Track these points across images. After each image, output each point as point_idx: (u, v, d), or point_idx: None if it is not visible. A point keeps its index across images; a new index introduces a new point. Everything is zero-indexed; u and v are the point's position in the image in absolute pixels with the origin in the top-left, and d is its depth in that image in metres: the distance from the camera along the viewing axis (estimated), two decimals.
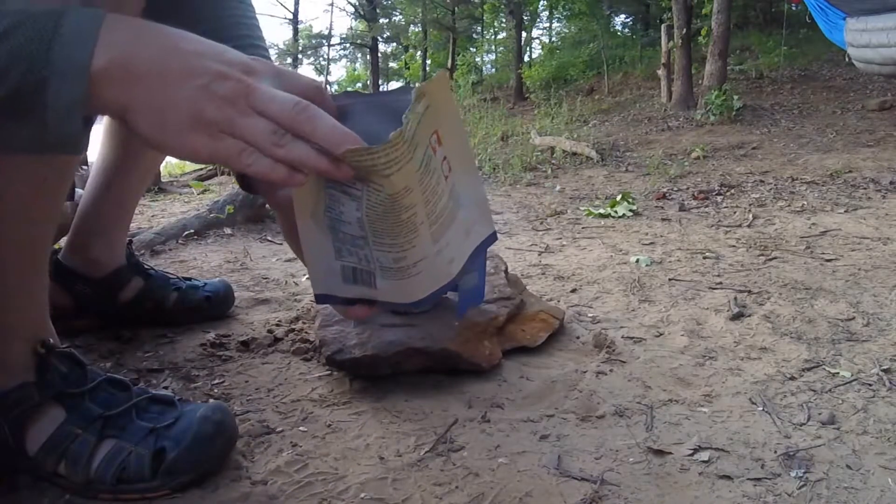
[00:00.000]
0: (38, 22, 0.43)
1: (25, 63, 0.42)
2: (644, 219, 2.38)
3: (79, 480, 0.64)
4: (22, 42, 0.42)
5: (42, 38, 0.43)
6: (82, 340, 1.03)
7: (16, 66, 0.42)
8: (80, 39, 0.43)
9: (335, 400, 0.86)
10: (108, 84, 0.44)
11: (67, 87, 0.43)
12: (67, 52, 0.43)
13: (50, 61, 0.42)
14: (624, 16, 18.20)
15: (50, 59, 0.42)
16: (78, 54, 0.43)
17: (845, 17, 4.26)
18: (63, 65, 0.43)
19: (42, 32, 0.43)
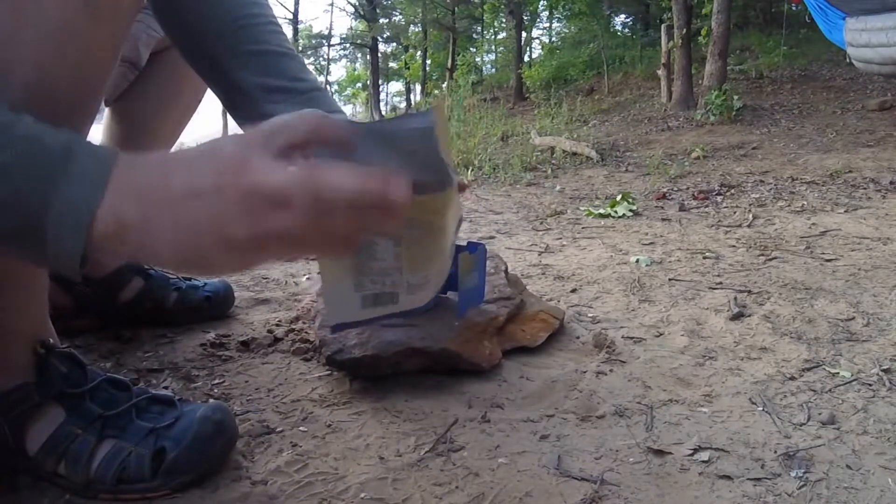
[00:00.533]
0: (44, 160, 0.41)
1: (27, 205, 0.41)
2: (644, 219, 2.38)
3: (79, 480, 0.64)
4: (25, 182, 0.41)
5: (45, 183, 0.41)
6: (82, 340, 1.03)
7: (18, 204, 0.41)
8: (84, 193, 0.41)
9: (335, 400, 0.86)
10: (114, 241, 0.42)
11: (65, 240, 0.42)
12: (68, 206, 0.41)
13: (50, 210, 0.41)
14: (624, 16, 18.20)
15: (51, 208, 0.41)
16: (79, 210, 0.41)
17: (845, 17, 4.26)
18: (62, 218, 0.41)
19: (46, 175, 0.41)
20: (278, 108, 0.61)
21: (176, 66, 1.04)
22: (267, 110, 0.62)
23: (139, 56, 0.97)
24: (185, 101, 1.10)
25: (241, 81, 0.66)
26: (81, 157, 0.42)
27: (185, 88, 1.08)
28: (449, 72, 15.91)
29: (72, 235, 0.41)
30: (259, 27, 0.67)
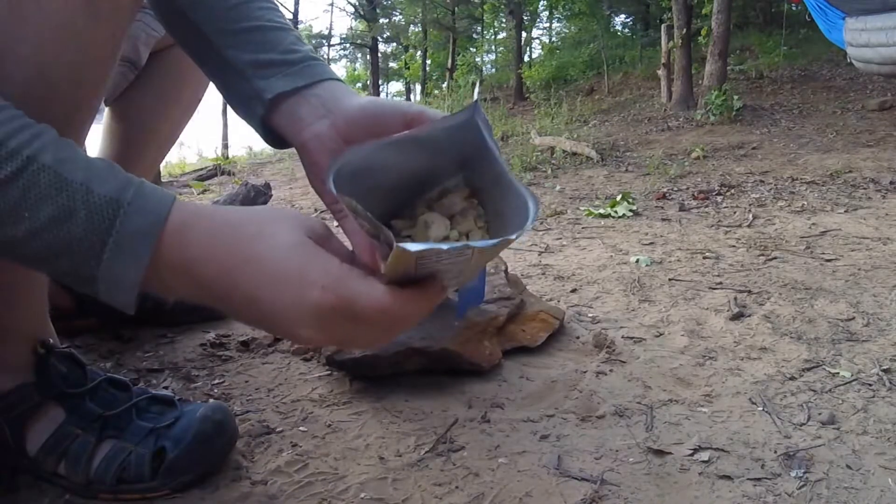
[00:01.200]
0: (94, 214, 0.41)
1: (78, 257, 0.42)
2: (644, 219, 2.38)
3: (79, 480, 0.64)
4: (76, 236, 0.41)
5: (94, 239, 0.41)
6: (82, 340, 1.03)
7: (67, 257, 0.42)
8: (134, 252, 0.42)
9: (335, 400, 0.86)
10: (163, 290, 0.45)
11: (115, 293, 0.43)
12: (118, 267, 0.42)
13: (100, 267, 0.42)
14: (624, 16, 18.20)
15: (101, 264, 0.42)
16: (128, 270, 0.42)
17: (844, 17, 4.26)
18: (112, 275, 0.42)
19: (96, 230, 0.41)
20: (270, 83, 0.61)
21: (176, 66, 1.04)
22: (259, 86, 0.61)
23: (139, 55, 0.97)
24: (184, 101, 1.10)
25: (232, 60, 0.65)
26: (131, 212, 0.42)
27: (185, 88, 1.08)
28: (449, 72, 15.91)
29: (123, 290, 0.43)
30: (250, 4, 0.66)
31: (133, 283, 0.42)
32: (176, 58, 1.03)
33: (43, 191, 0.40)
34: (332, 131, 0.56)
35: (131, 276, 0.42)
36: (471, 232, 0.50)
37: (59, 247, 0.41)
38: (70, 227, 0.41)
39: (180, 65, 1.05)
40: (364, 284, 0.42)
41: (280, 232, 0.44)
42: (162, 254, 0.42)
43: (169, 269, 0.43)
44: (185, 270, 0.43)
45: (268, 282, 0.43)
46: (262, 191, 2.18)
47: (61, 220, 0.41)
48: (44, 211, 0.40)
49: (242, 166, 5.48)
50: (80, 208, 0.41)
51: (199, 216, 0.44)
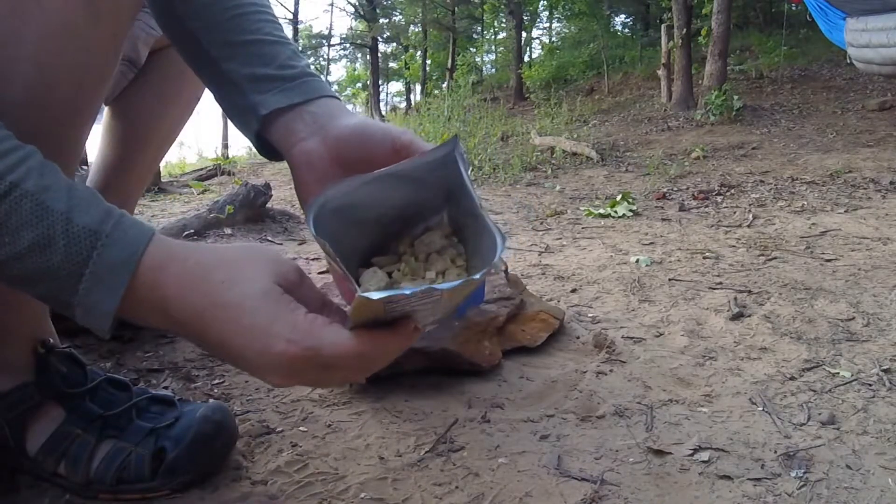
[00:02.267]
0: (72, 245, 0.43)
1: (55, 284, 0.43)
2: (644, 219, 2.38)
3: (79, 480, 0.64)
4: (54, 264, 0.42)
5: (72, 270, 0.43)
6: (82, 340, 1.03)
7: (46, 282, 0.43)
8: (109, 284, 0.43)
9: (335, 400, 0.86)
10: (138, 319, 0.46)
11: (92, 319, 0.44)
12: (94, 296, 0.43)
13: (77, 294, 0.43)
14: (624, 16, 18.21)
15: (78, 292, 0.43)
16: (104, 303, 0.44)
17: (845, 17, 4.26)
18: (88, 304, 0.44)
19: (74, 261, 0.43)
20: (266, 99, 0.60)
21: (175, 65, 1.04)
22: (255, 101, 0.61)
23: (138, 54, 0.97)
24: (184, 100, 1.09)
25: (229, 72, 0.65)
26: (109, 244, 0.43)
27: (185, 87, 1.08)
28: (449, 72, 15.91)
29: (99, 318, 0.44)
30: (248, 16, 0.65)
31: (108, 313, 0.44)
32: (175, 57, 1.03)
33: (24, 218, 0.41)
34: (322, 149, 0.56)
35: (107, 305, 0.44)
36: (447, 271, 0.51)
37: (39, 273, 0.43)
38: (49, 255, 0.42)
39: (180, 64, 1.04)
40: (330, 333, 0.44)
41: (250, 279, 0.45)
42: (136, 289, 0.44)
43: (144, 304, 0.45)
44: (159, 308, 0.45)
45: (237, 331, 0.44)
46: (262, 191, 2.18)
47: (41, 247, 0.42)
48: (24, 237, 0.42)
49: (242, 166, 5.49)
50: (60, 237, 0.42)
51: (172, 257, 0.45)
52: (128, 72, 0.97)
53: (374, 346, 0.45)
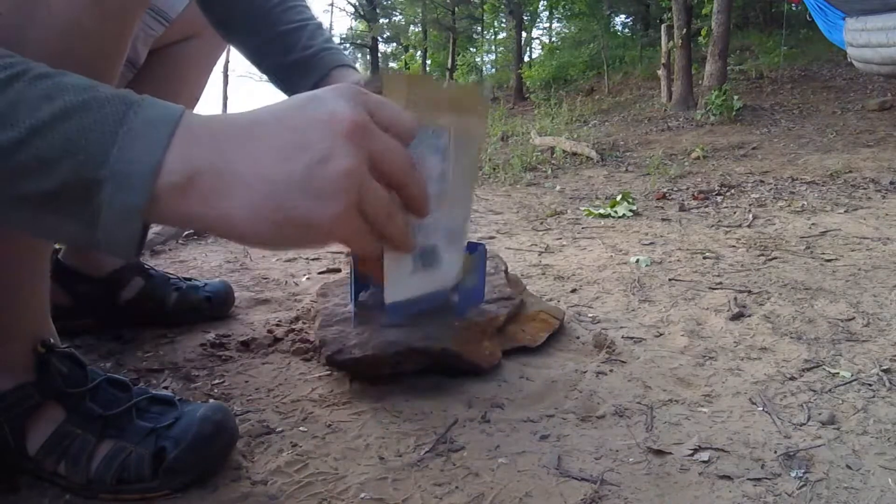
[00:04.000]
0: (104, 107, 0.37)
1: (81, 155, 0.36)
2: (644, 219, 2.38)
3: (79, 480, 0.64)
4: (81, 128, 0.36)
5: (104, 130, 0.36)
6: (82, 340, 1.03)
7: (69, 157, 0.36)
8: (150, 140, 0.37)
9: (335, 400, 0.86)
10: (179, 194, 0.37)
11: (125, 196, 0.37)
12: (132, 154, 0.36)
13: (109, 161, 0.36)
14: (624, 16, 18.19)
15: (110, 158, 0.36)
16: (144, 158, 0.37)
17: (844, 17, 4.26)
18: (124, 168, 0.36)
19: (106, 121, 0.36)
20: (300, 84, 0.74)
21: (174, 64, 1.04)
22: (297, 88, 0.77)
23: (137, 54, 0.97)
24: (183, 99, 1.10)
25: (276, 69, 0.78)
26: (145, 105, 0.38)
27: (184, 86, 1.08)
28: (449, 72, 15.92)
29: (134, 186, 0.36)
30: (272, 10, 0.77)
31: (147, 174, 0.36)
32: (174, 56, 1.03)
33: (44, 91, 0.36)
34: None
35: (146, 163, 0.36)
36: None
37: (60, 147, 0.36)
38: (77, 120, 0.36)
39: (178, 63, 1.05)
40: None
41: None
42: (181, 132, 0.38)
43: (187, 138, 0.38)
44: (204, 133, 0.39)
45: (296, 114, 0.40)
46: None
47: (67, 114, 0.36)
48: (45, 109, 0.36)
49: None
50: (91, 102, 0.37)
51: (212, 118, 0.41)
52: (127, 72, 0.97)
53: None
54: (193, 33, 1.02)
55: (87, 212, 0.37)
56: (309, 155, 0.38)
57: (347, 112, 0.40)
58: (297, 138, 0.39)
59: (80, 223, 0.37)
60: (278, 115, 0.40)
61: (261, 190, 0.38)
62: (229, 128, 0.39)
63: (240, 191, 0.38)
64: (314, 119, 0.39)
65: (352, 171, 0.39)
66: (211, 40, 1.06)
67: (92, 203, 0.37)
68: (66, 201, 0.37)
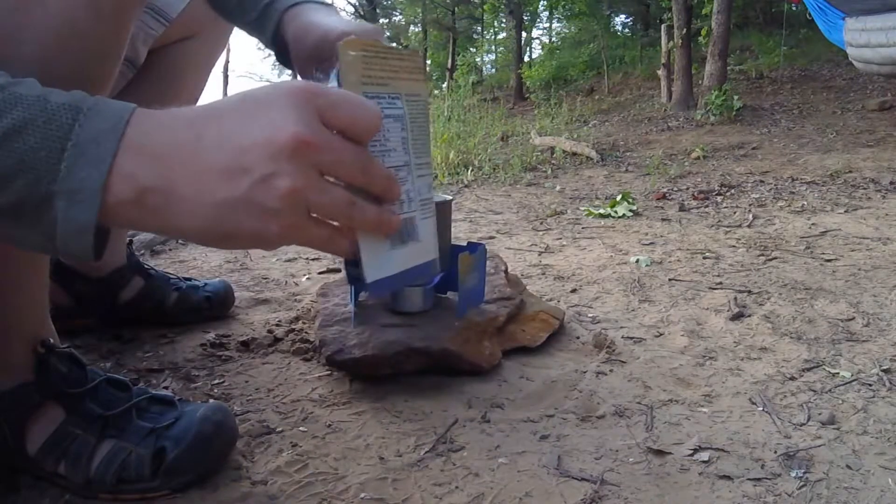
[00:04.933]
0: (51, 121, 0.38)
1: (32, 173, 0.37)
2: (644, 219, 2.38)
3: (79, 480, 0.64)
4: (31, 146, 0.37)
5: (52, 146, 0.37)
6: (82, 340, 1.03)
7: (22, 174, 0.37)
8: (96, 157, 0.38)
9: (335, 400, 0.86)
10: (129, 207, 0.39)
11: (76, 211, 0.38)
12: (80, 171, 0.37)
13: (58, 178, 0.37)
14: (624, 16, 18.19)
15: (59, 175, 0.37)
16: (93, 174, 0.37)
17: (844, 17, 4.26)
18: (73, 185, 0.37)
19: (53, 137, 0.37)
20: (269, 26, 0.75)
21: (174, 64, 1.04)
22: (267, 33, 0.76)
23: (137, 54, 0.97)
24: (183, 99, 1.09)
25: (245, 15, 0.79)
26: (91, 115, 0.38)
27: (183, 86, 1.08)
28: (449, 72, 15.92)
29: (84, 202, 0.38)
30: None
31: (94, 191, 0.37)
32: (174, 56, 1.03)
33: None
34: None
35: (93, 180, 0.37)
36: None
37: (13, 165, 0.37)
38: (25, 138, 0.37)
39: (178, 63, 1.05)
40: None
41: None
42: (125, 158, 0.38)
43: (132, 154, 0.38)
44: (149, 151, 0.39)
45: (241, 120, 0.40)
46: None
47: (16, 131, 0.37)
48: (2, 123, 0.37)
49: None
50: (38, 117, 0.37)
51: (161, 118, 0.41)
52: (127, 71, 0.97)
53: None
54: (193, 33, 1.02)
55: (43, 224, 0.38)
56: (250, 176, 0.39)
57: (290, 128, 0.39)
58: (239, 159, 0.39)
59: (40, 235, 0.39)
60: (223, 130, 0.40)
61: (206, 212, 0.39)
62: (173, 146, 0.40)
63: (186, 210, 0.39)
64: (256, 138, 0.39)
65: (294, 190, 0.39)
66: (211, 40, 1.06)
67: (47, 217, 0.38)
68: (25, 214, 0.38)
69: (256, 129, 0.40)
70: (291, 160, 0.39)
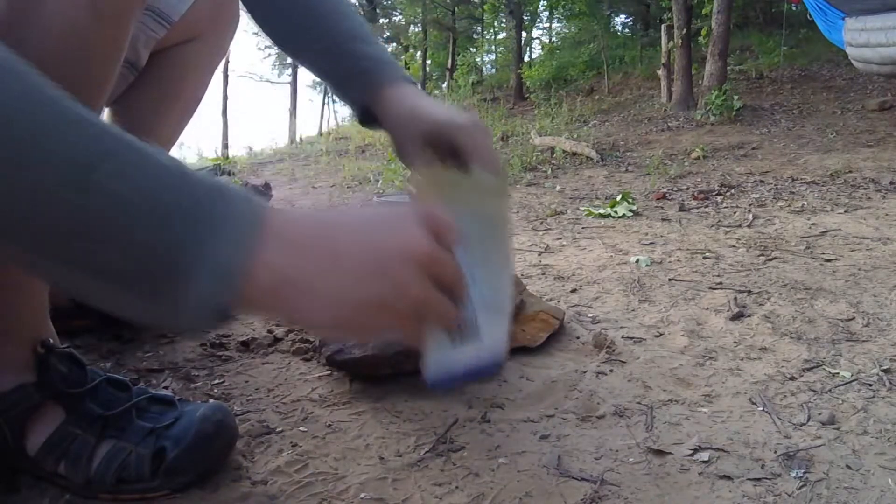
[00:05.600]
0: (198, 201, 0.38)
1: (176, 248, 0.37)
2: (644, 219, 2.38)
3: (79, 480, 0.64)
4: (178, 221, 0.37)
5: (198, 226, 0.38)
6: (82, 340, 1.03)
7: (164, 246, 0.37)
8: (240, 238, 0.39)
9: (335, 400, 0.86)
10: (264, 294, 0.40)
11: (214, 289, 0.38)
12: (222, 251, 0.38)
13: (203, 256, 0.38)
14: (624, 16, 18.19)
15: (203, 253, 0.38)
16: (234, 257, 0.38)
17: (844, 17, 4.26)
18: (215, 265, 0.38)
19: (199, 217, 0.38)
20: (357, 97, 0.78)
21: (175, 66, 1.04)
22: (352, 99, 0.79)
23: (138, 56, 0.97)
24: (184, 101, 1.09)
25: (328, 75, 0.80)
26: (230, 200, 0.39)
27: (185, 88, 1.08)
28: (449, 72, 15.92)
29: (225, 283, 0.38)
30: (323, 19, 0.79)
31: (236, 274, 0.39)
32: (175, 58, 1.03)
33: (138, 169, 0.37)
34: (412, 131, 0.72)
35: (237, 264, 0.39)
36: None
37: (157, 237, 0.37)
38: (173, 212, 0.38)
39: (180, 65, 1.05)
40: None
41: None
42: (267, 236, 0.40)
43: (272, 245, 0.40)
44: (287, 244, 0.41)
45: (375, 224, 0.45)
46: (262, 190, 2.18)
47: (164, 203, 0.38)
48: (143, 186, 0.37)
49: (242, 166, 5.48)
50: (184, 192, 0.38)
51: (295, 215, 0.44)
52: (128, 74, 0.97)
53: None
54: (195, 35, 1.02)
55: (173, 298, 0.38)
56: (386, 282, 0.43)
57: (422, 244, 0.44)
58: (376, 266, 0.43)
59: (163, 306, 0.39)
60: (359, 238, 0.44)
61: (341, 308, 0.42)
62: (313, 244, 0.42)
63: (320, 306, 0.42)
64: (392, 249, 0.43)
65: (420, 297, 0.44)
66: (213, 43, 1.06)
67: (180, 292, 0.38)
68: (156, 286, 0.38)
69: (394, 240, 0.44)
70: (421, 271, 0.44)
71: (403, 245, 0.44)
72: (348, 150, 6.14)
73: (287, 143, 9.30)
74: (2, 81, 0.34)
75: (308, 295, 0.41)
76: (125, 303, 0.40)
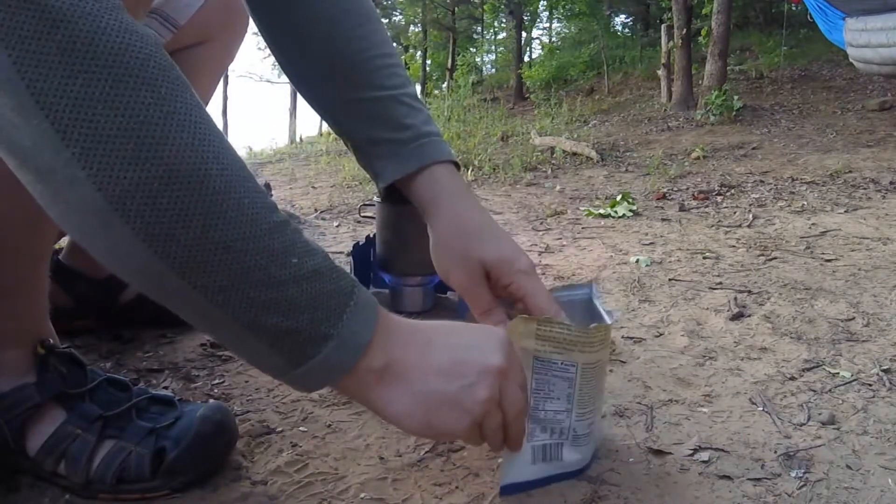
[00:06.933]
0: (340, 278, 0.47)
1: (321, 312, 0.45)
2: (644, 219, 2.38)
3: (79, 480, 0.64)
4: (325, 290, 0.45)
5: (341, 297, 0.46)
6: (82, 340, 1.03)
7: (311, 310, 0.45)
8: (367, 320, 0.48)
9: (335, 400, 0.86)
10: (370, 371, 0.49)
11: (340, 356, 0.46)
12: (356, 325, 0.46)
13: (340, 324, 0.46)
14: (624, 16, 18.19)
15: (341, 322, 0.46)
16: (362, 331, 0.47)
17: (844, 17, 4.26)
18: (348, 335, 0.46)
19: (343, 291, 0.47)
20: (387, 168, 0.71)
21: (183, 70, 1.04)
22: (377, 169, 0.73)
23: None
24: None
25: (351, 134, 0.74)
26: (363, 290, 0.48)
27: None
28: (449, 72, 15.92)
29: (350, 351, 0.47)
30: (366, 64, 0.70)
31: (360, 346, 0.47)
32: (183, 62, 1.03)
33: (305, 246, 0.45)
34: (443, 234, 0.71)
35: (363, 337, 0.47)
36: None
37: (310, 298, 0.44)
38: (324, 282, 0.45)
39: (187, 69, 1.04)
40: None
41: None
42: (380, 323, 0.49)
43: (384, 329, 0.49)
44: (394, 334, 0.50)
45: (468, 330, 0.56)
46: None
47: (319, 272, 0.45)
48: (310, 261, 0.45)
49: None
50: (332, 270, 0.47)
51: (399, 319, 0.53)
52: None
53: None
54: (203, 39, 1.02)
55: (302, 356, 0.45)
56: (462, 381, 0.51)
57: (500, 361, 0.52)
58: (458, 367, 0.51)
59: (287, 361, 0.46)
60: (450, 343, 0.53)
61: (418, 397, 0.50)
62: (413, 341, 0.51)
63: (406, 391, 0.50)
64: (475, 361, 0.52)
65: (488, 399, 0.51)
66: (221, 46, 1.05)
67: (309, 352, 0.45)
68: (289, 341, 0.45)
69: (476, 351, 0.52)
70: (494, 379, 0.52)
71: (483, 358, 0.52)
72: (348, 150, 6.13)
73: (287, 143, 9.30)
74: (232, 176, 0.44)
75: (399, 381, 0.49)
76: (255, 350, 0.46)
